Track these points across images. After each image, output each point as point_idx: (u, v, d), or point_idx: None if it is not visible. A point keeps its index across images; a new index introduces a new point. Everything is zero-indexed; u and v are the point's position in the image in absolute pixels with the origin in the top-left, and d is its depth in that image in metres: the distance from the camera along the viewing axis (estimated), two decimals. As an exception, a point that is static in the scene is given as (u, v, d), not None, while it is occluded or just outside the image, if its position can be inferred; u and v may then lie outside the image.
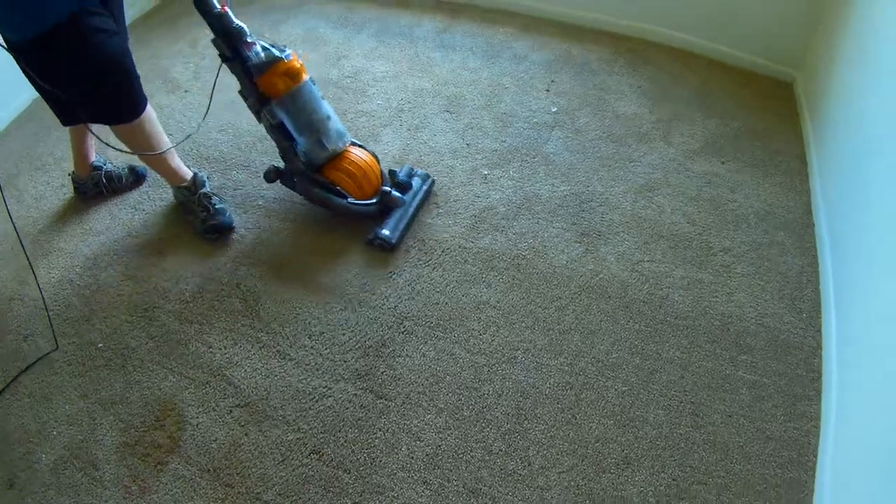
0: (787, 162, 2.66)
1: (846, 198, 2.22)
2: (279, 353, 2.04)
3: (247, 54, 2.09)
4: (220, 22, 2.05)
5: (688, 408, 1.92)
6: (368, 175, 2.37)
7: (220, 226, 2.35)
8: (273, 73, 2.13)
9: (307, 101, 2.22)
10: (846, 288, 2.05)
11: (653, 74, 3.11)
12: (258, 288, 2.22)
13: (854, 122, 2.30)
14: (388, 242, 2.30)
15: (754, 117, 2.87)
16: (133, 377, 1.96)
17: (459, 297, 2.20)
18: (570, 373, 2.00)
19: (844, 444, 1.73)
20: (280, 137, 2.25)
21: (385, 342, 2.08)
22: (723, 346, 2.06)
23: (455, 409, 1.92)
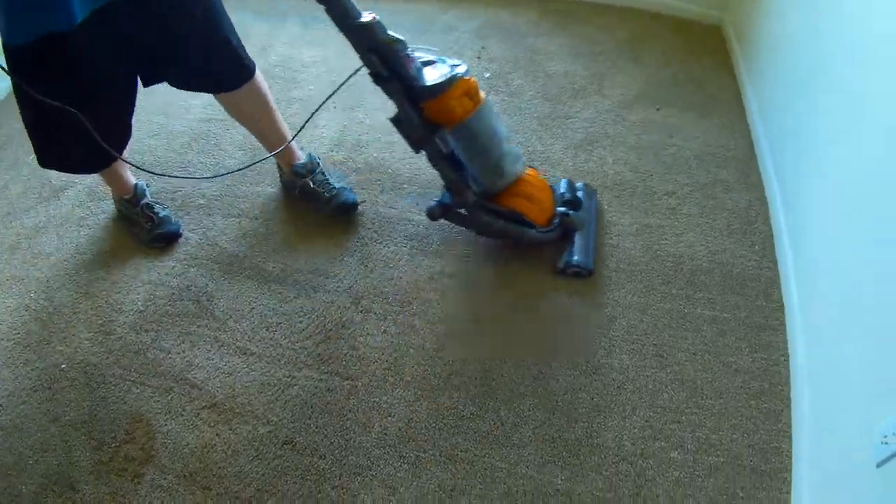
0: (724, 103, 2.70)
1: (787, 129, 2.26)
2: (239, 349, 2.00)
3: (408, 73, 1.74)
4: (370, 34, 1.69)
5: (651, 350, 1.94)
6: (549, 195, 2.11)
7: (167, 234, 2.29)
8: (451, 96, 1.76)
9: (488, 123, 1.87)
10: (798, 215, 2.09)
11: (581, 32, 3.12)
12: (209, 287, 2.17)
13: (785, 53, 2.35)
14: (587, 268, 2.08)
15: (686, 63, 2.90)
16: (98, 394, 1.91)
17: (413, 269, 2.18)
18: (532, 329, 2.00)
19: (818, 369, 1.76)
20: (448, 168, 1.91)
21: (344, 323, 2.05)
22: (678, 287, 2.08)
23: (422, 379, 1.91)
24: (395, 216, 2.35)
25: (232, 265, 2.23)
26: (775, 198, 2.26)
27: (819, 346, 1.79)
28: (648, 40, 3.05)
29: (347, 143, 2.63)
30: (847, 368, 1.60)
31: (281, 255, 2.25)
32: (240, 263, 2.24)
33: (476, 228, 2.11)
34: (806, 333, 1.87)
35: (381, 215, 2.35)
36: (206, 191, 2.49)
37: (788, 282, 2.03)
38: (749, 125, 2.59)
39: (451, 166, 1.91)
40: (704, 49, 2.98)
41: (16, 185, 2.61)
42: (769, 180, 2.34)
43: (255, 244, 2.29)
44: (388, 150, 2.58)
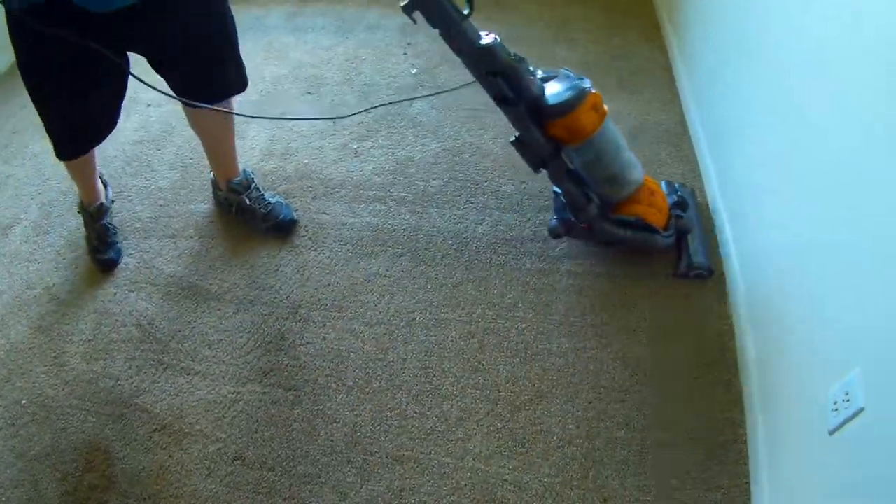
0: (654, 76, 2.71)
1: (718, 98, 2.27)
2: (183, 370, 1.98)
3: (533, 93, 1.68)
4: (492, 57, 1.62)
5: (590, 331, 1.94)
6: (663, 199, 2.02)
7: (108, 262, 2.29)
8: (582, 112, 1.69)
9: (613, 135, 1.81)
10: (732, 187, 2.10)
11: (508, 19, 3.12)
12: (150, 311, 2.14)
13: (712, 20, 2.36)
14: (708, 269, 2.02)
15: (616, 40, 2.91)
16: (58, 425, 1.90)
17: (349, 273, 2.16)
18: (468, 322, 2.00)
19: (764, 335, 1.75)
20: (572, 184, 1.85)
21: (283, 334, 2.03)
22: (616, 265, 2.08)
23: (364, 383, 1.90)
24: (328, 221, 2.33)
25: (170, 286, 2.20)
26: (708, 169, 2.27)
27: (762, 309, 1.79)
28: (577, 22, 3.05)
29: (277, 152, 2.60)
30: (792, 334, 1.60)
31: (217, 271, 2.22)
32: (177, 284, 2.21)
33: (603, 240, 2.05)
34: (748, 298, 1.88)
35: (315, 221, 2.33)
36: (142, 213, 2.45)
37: (728, 247, 2.04)
38: (680, 97, 2.60)
39: (573, 182, 1.85)
40: (634, 24, 3.00)
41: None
42: (701, 153, 2.35)
43: (192, 263, 2.26)
44: (318, 156, 2.56)
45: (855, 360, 1.25)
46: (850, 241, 1.34)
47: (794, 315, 1.59)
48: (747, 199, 1.98)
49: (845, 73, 1.39)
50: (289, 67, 3.00)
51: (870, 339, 1.23)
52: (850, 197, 1.34)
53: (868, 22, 1.32)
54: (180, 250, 2.31)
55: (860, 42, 1.34)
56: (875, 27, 1.29)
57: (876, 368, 1.19)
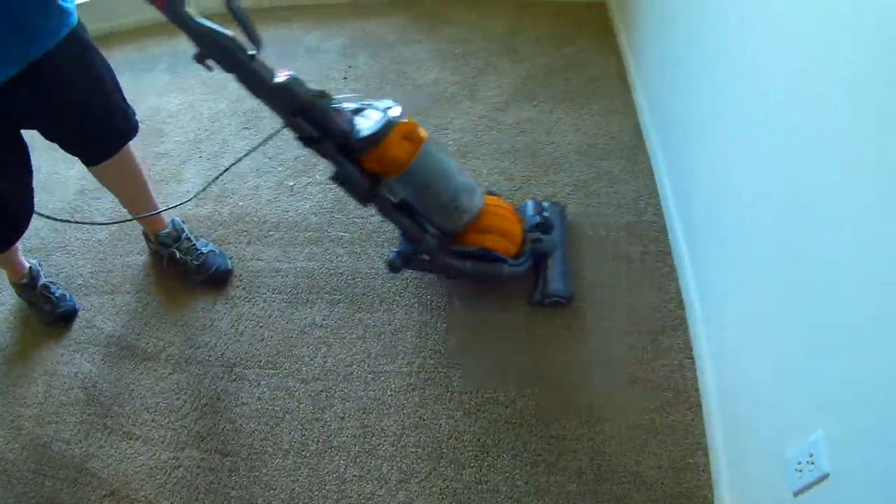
0: (607, 86, 2.57)
1: (674, 104, 2.13)
2: (125, 434, 1.91)
3: (340, 128, 1.60)
4: (291, 96, 1.53)
5: (536, 373, 1.83)
6: (514, 222, 1.94)
7: (65, 314, 2.23)
8: (390, 143, 1.61)
9: (434, 161, 1.72)
10: (688, 200, 1.98)
11: (452, 34, 2.98)
12: (93, 373, 2.07)
13: (668, 24, 2.20)
14: (567, 296, 1.93)
15: (566, 49, 2.77)
16: (19, 490, 1.86)
17: (284, 325, 2.05)
18: (409, 373, 1.89)
19: (726, 381, 1.64)
20: (401, 217, 1.77)
21: (219, 395, 1.94)
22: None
23: (301, 446, 1.80)
24: (262, 268, 2.22)
25: (109, 346, 2.12)
26: (665, 185, 2.14)
27: (723, 352, 1.68)
28: (525, 31, 2.91)
29: (212, 195, 2.48)
30: (754, 385, 1.49)
31: (153, 329, 2.13)
32: (116, 343, 2.12)
33: (444, 273, 1.96)
34: (709, 336, 1.76)
35: (249, 269, 2.22)
36: (82, 269, 2.36)
37: (685, 275, 1.92)
38: (635, 106, 2.46)
39: (404, 214, 1.77)
40: (586, 31, 2.85)
41: None
42: (657, 165, 2.22)
43: (129, 321, 2.17)
44: (253, 197, 2.45)
45: (818, 422, 1.16)
46: (816, 298, 1.21)
47: (755, 360, 1.48)
48: (706, 222, 1.84)
49: (812, 81, 1.23)
50: (227, 101, 2.88)
51: (834, 404, 1.13)
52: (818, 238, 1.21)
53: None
54: (118, 307, 2.22)
55: (829, 45, 1.19)
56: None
57: (841, 434, 1.09)
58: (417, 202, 1.77)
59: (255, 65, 1.48)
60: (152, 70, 3.18)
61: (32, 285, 2.23)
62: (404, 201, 1.75)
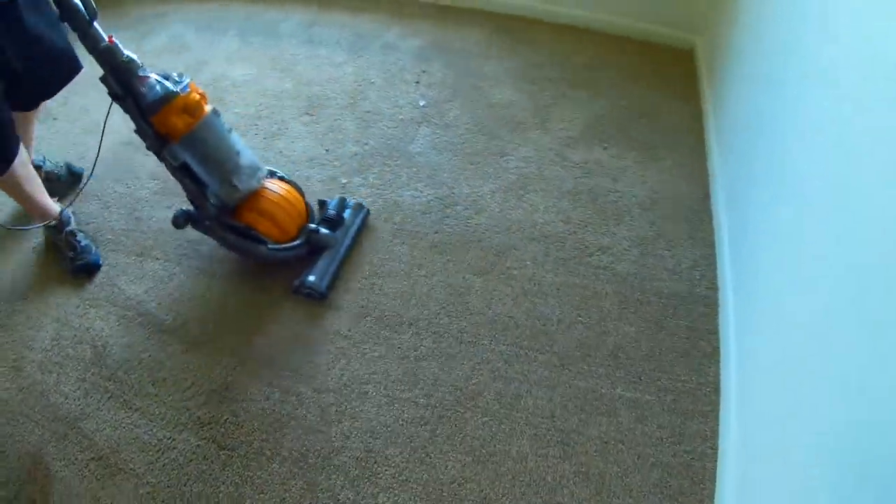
0: (682, 140, 2.46)
1: (748, 176, 2.01)
2: (125, 403, 1.87)
3: (140, 90, 1.79)
4: (108, 56, 1.76)
5: (556, 436, 1.74)
6: (289, 212, 2.08)
7: (87, 266, 2.21)
8: (170, 111, 1.82)
9: (211, 137, 1.91)
10: (746, 282, 1.86)
11: (534, 55, 2.88)
12: (105, 333, 2.03)
13: (752, 87, 2.10)
14: (318, 290, 2.03)
15: (647, 93, 2.66)
16: (6, 431, 1.84)
17: (308, 327, 1.99)
18: (425, 405, 1.81)
19: (749, 467, 1.54)
20: (186, 180, 1.95)
21: (228, 385, 1.88)
22: (598, 362, 1.88)
23: (300, 456, 1.73)
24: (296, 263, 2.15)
25: (128, 310, 2.08)
26: (724, 258, 2.03)
27: (754, 441, 1.56)
28: (607, 66, 2.80)
29: (263, 178, 2.43)
30: (781, 478, 1.38)
31: (175, 302, 2.08)
32: (135, 308, 2.08)
33: (218, 241, 2.11)
34: (741, 424, 1.65)
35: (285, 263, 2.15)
36: (115, 224, 2.32)
37: (728, 360, 1.81)
38: (707, 169, 2.35)
39: (189, 178, 1.95)
40: (670, 78, 2.73)
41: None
42: (720, 236, 2.10)
43: (152, 288, 2.13)
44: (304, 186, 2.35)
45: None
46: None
47: (791, 453, 1.36)
48: (761, 305, 1.73)
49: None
50: (293, 82, 2.83)
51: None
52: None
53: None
54: (144, 272, 2.18)
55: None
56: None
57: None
58: (199, 170, 1.94)
59: (94, 29, 1.73)
60: (224, 35, 3.14)
61: (59, 229, 2.22)
62: (186, 165, 1.91)
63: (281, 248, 2.06)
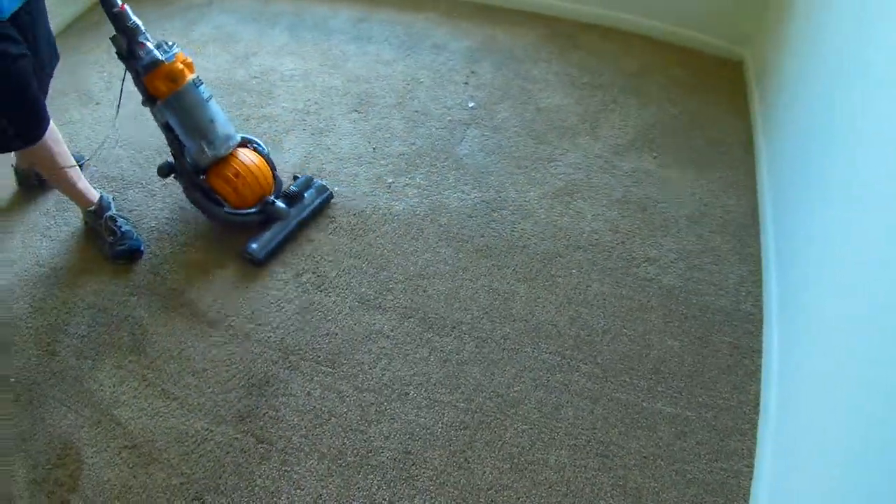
0: (731, 153, 2.42)
1: (797, 193, 1.97)
2: (163, 393, 1.88)
3: (138, 53, 2.02)
4: (118, 19, 1.97)
5: (595, 448, 1.72)
6: (251, 184, 2.23)
7: (129, 251, 2.22)
8: (155, 76, 2.04)
9: (189, 103, 2.12)
10: (792, 301, 1.82)
11: (584, 60, 2.85)
12: (145, 321, 2.05)
13: (803, 101, 2.05)
14: (255, 257, 2.18)
15: (697, 103, 2.62)
16: (38, 413, 1.87)
17: (351, 325, 1.99)
18: (465, 410, 1.80)
19: (782, 487, 1.51)
20: (171, 137, 2.18)
21: (269, 379, 1.89)
22: (640, 375, 1.85)
23: (338, 453, 1.74)
24: (342, 261, 2.17)
25: (170, 299, 2.10)
26: (770, 275, 1.99)
27: (785, 473, 1.54)
28: (657, 74, 2.76)
29: (309, 171, 2.45)
30: (815, 495, 1.35)
31: (218, 294, 2.10)
32: (177, 298, 2.10)
33: (187, 197, 2.30)
34: (777, 442, 1.63)
35: (327, 259, 2.17)
36: (160, 213, 2.36)
37: (770, 375, 1.78)
38: (756, 183, 2.31)
39: (169, 135, 2.18)
40: (719, 89, 2.69)
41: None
42: (767, 253, 2.07)
43: (196, 278, 2.15)
44: (350, 184, 2.40)
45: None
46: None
47: (825, 477, 1.33)
48: (806, 328, 1.69)
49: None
50: (342, 79, 2.83)
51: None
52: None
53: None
54: (188, 262, 2.21)
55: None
56: None
57: None
58: (179, 131, 2.15)
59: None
60: (273, 28, 3.16)
61: (99, 214, 2.25)
62: (168, 125, 2.14)
63: (235, 213, 2.23)
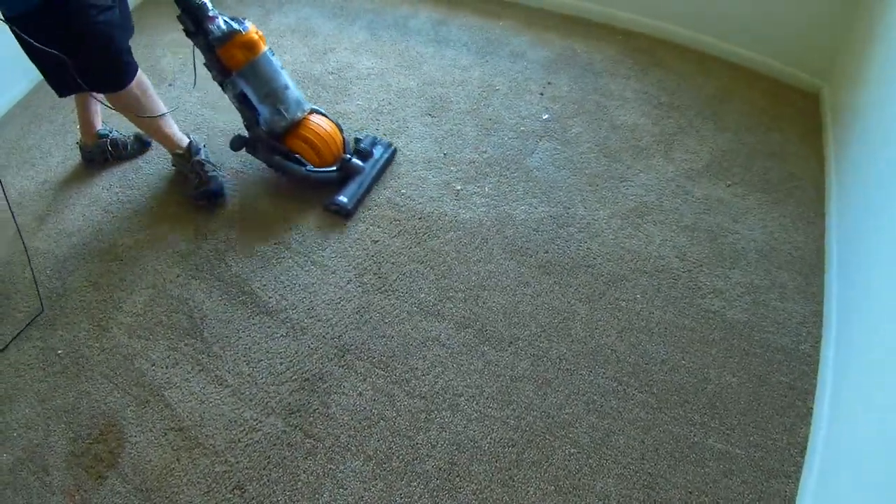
0: (803, 188, 2.35)
1: (865, 237, 1.91)
2: (217, 379, 1.93)
3: (209, 27, 2.11)
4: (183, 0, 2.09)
5: (643, 479, 1.70)
6: (328, 143, 2.37)
7: (210, 192, 2.37)
8: (232, 45, 2.15)
9: (265, 71, 2.24)
10: (849, 348, 1.77)
11: (662, 79, 2.81)
12: (205, 305, 2.10)
13: (880, 145, 1.99)
14: (345, 208, 2.32)
15: (772, 133, 2.55)
16: (84, 388, 1.92)
17: (408, 330, 2.01)
18: (515, 427, 1.80)
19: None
20: (243, 107, 2.28)
21: (323, 376, 1.92)
22: (695, 409, 1.82)
23: (384, 457, 1.75)
24: (404, 265, 2.18)
25: (232, 287, 2.14)
26: (831, 317, 1.94)
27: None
28: (735, 100, 2.70)
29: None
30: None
31: (281, 286, 2.14)
32: (240, 286, 2.14)
33: (265, 161, 2.42)
34: (818, 490, 1.59)
35: (390, 261, 2.19)
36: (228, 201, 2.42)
37: (819, 425, 1.74)
38: (825, 220, 2.24)
39: (246, 106, 2.27)
40: (796, 121, 2.61)
41: (57, 153, 2.64)
42: (830, 294, 2.01)
43: (261, 268, 2.19)
44: (418, 188, 2.41)
45: None
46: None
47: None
48: (860, 373, 1.64)
49: None
50: (418, 81, 2.84)
51: None
52: None
53: None
54: (254, 251, 2.25)
55: None
56: None
57: None
58: (254, 99, 2.24)
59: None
60: (352, 24, 3.18)
61: (188, 157, 2.37)
62: (244, 95, 2.24)
63: (318, 171, 2.35)
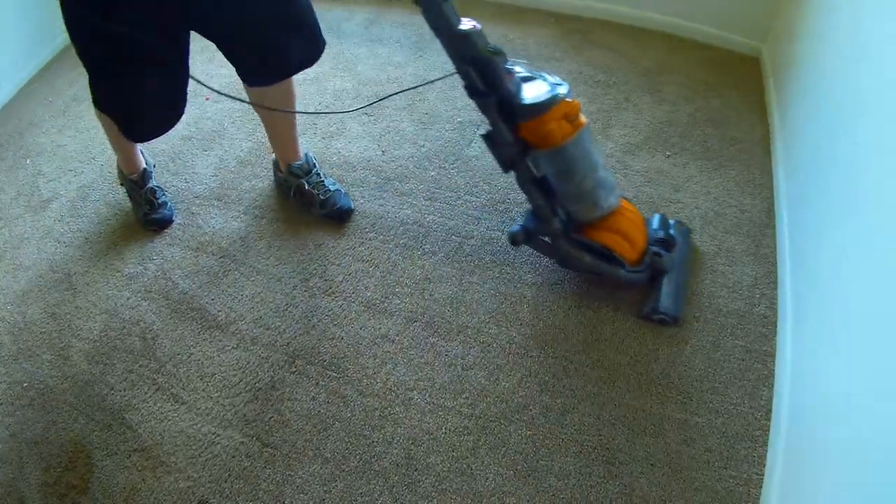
0: (747, 151, 2.36)
1: (814, 190, 1.91)
2: (173, 396, 1.91)
3: (506, 88, 1.63)
4: (469, 44, 1.57)
5: (602, 454, 1.69)
6: (640, 232, 1.91)
7: (160, 220, 2.34)
8: (550, 118, 1.64)
9: (582, 150, 1.73)
10: (806, 304, 1.77)
11: (598, 58, 2.81)
12: (156, 326, 2.07)
13: (822, 97, 1.99)
14: (674, 317, 1.90)
15: (712, 100, 2.56)
16: (51, 417, 1.90)
17: (357, 329, 1.99)
18: (469, 416, 1.78)
19: (793, 494, 1.47)
20: (538, 193, 1.78)
21: (275, 384, 1.90)
22: (649, 379, 1.81)
23: (342, 458, 1.73)
24: (349, 265, 2.17)
25: (180, 304, 2.12)
26: (785, 277, 1.94)
27: (801, 465, 1.49)
28: (673, 71, 2.71)
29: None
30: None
31: (228, 298, 2.11)
32: (188, 303, 2.12)
33: (560, 260, 1.97)
34: (788, 451, 1.58)
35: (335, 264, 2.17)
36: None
37: (783, 380, 1.73)
38: (773, 181, 2.25)
39: (540, 191, 1.78)
40: (736, 85, 2.62)
41: (10, 189, 2.60)
42: (782, 254, 2.01)
43: (206, 283, 2.16)
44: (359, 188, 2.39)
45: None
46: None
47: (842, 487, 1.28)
48: (821, 330, 1.64)
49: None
50: (353, 82, 2.83)
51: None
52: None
53: None
54: (199, 266, 2.22)
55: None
56: None
57: None
58: (557, 183, 1.78)
59: (446, 6, 1.54)
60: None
61: (140, 184, 2.32)
62: (544, 178, 1.76)
63: (636, 272, 1.90)
